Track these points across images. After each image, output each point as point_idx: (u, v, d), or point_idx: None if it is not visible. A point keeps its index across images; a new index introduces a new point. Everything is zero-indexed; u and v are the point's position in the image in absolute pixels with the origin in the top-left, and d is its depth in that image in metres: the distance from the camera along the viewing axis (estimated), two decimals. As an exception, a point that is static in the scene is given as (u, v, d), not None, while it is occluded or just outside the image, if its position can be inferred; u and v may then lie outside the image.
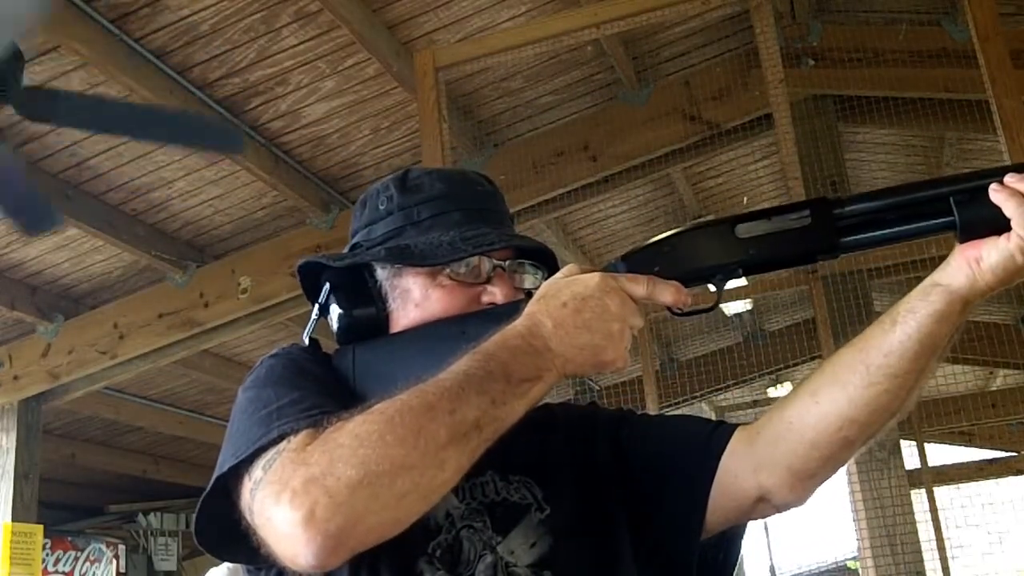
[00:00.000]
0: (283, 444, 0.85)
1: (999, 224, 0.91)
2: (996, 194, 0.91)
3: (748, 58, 4.15)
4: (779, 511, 1.08)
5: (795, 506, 1.08)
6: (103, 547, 7.72)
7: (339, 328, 1.08)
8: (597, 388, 7.59)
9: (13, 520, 4.78)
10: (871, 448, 3.86)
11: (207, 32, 3.41)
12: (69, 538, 7.54)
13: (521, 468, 1.05)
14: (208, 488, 0.90)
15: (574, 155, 4.42)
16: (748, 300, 5.83)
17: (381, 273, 1.08)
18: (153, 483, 7.62)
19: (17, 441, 4.96)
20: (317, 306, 1.10)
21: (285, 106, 3.90)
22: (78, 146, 3.78)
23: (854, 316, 3.65)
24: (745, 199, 5.67)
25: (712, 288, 1.00)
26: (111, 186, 4.14)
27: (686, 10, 3.36)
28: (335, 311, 1.08)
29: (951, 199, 0.93)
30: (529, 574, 0.99)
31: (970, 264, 0.93)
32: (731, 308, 6.28)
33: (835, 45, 4.22)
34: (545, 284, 0.96)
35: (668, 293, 0.96)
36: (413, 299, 1.06)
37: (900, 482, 3.90)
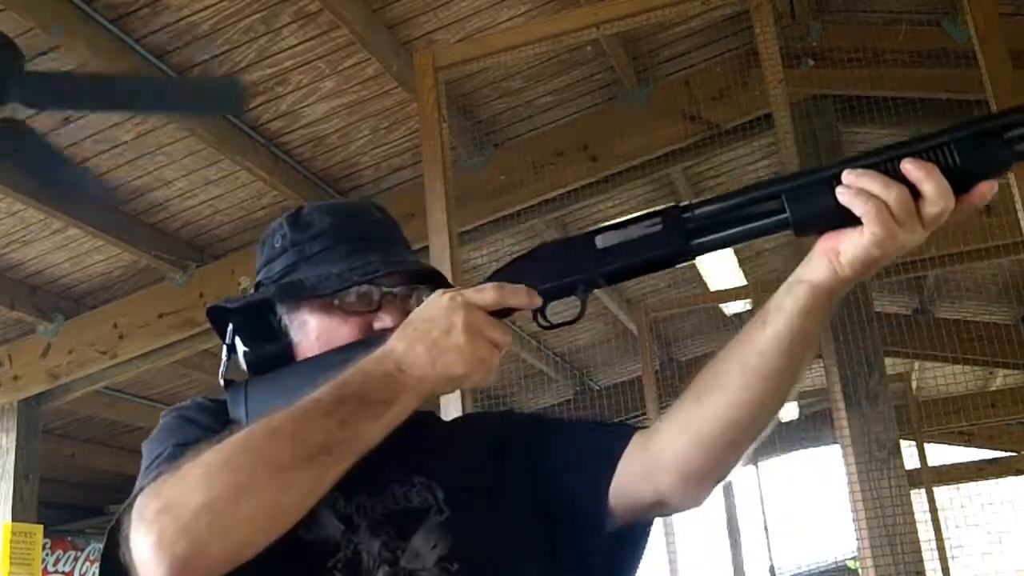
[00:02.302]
0: (148, 486, 0.91)
1: (831, 217, 0.92)
2: (843, 195, 0.91)
3: (748, 58, 4.15)
4: (678, 511, 1.11)
5: (692, 507, 1.11)
6: (103, 547, 7.71)
7: (247, 365, 1.13)
8: (596, 388, 7.60)
9: (13, 520, 4.78)
10: (870, 448, 3.86)
11: (207, 32, 3.41)
12: (69, 538, 7.54)
13: (425, 472, 1.08)
14: (104, 544, 0.95)
15: (574, 155, 4.42)
16: (748, 300, 5.82)
17: (281, 308, 1.14)
18: (153, 483, 7.60)
19: (17, 441, 4.96)
20: (225, 347, 1.14)
21: (285, 106, 3.90)
22: (78, 146, 3.78)
23: (853, 316, 3.65)
24: (745, 199, 5.67)
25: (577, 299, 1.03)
26: (111, 186, 4.14)
27: (686, 10, 3.36)
28: (241, 350, 1.13)
29: (783, 197, 0.95)
30: (436, 571, 1.01)
31: (829, 258, 0.94)
32: (731, 308, 6.28)
33: (835, 45, 4.21)
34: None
35: (518, 296, 1.00)
36: (312, 331, 1.12)
37: (900, 482, 3.90)
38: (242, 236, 4.72)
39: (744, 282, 6.08)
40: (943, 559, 5.61)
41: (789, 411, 8.77)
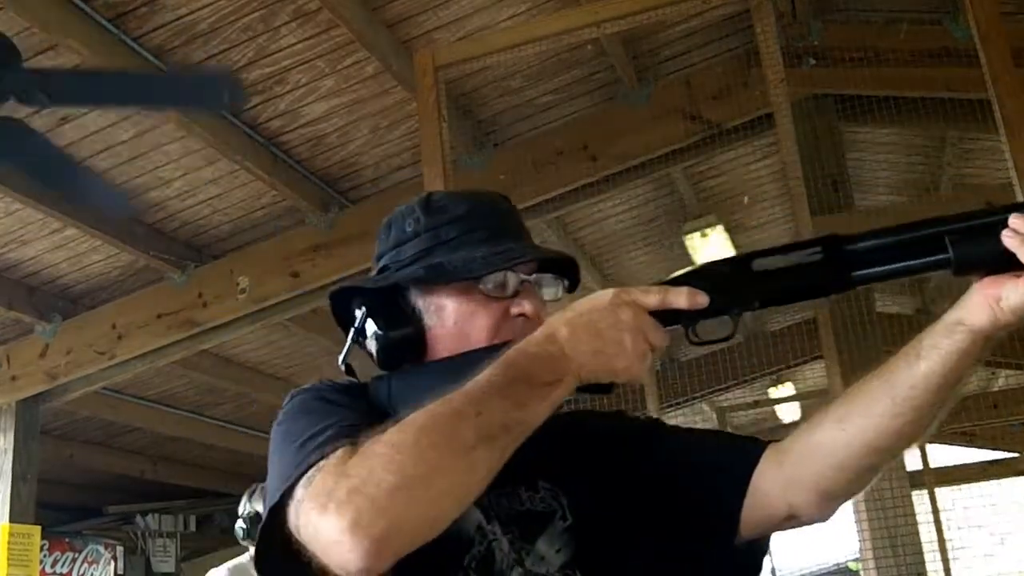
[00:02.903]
0: (322, 462, 0.90)
1: (995, 262, 0.94)
2: (1009, 240, 0.93)
3: (748, 57, 4.13)
4: (806, 526, 1.14)
5: (821, 521, 1.14)
6: (101, 548, 7.71)
7: (378, 350, 1.12)
8: (597, 389, 7.57)
9: (11, 521, 4.77)
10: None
11: (206, 31, 3.40)
12: (67, 539, 7.54)
13: (549, 477, 1.10)
14: (263, 522, 0.94)
15: (574, 155, 4.40)
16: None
17: (414, 292, 1.13)
18: (151, 484, 7.60)
19: (15, 442, 4.95)
20: (353, 331, 1.13)
21: (284, 105, 3.89)
22: (76, 146, 3.77)
23: (855, 316, 3.63)
24: (746, 199, 5.66)
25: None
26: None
27: (686, 9, 3.34)
28: (372, 334, 1.11)
29: (946, 238, 0.96)
30: None
31: (990, 304, 0.96)
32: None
33: (836, 44, 4.20)
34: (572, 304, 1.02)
35: (682, 297, 0.99)
36: (449, 315, 1.12)
37: (902, 483, 3.88)
38: (241, 236, 4.71)
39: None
40: (945, 560, 5.59)
41: (791, 412, 8.76)
